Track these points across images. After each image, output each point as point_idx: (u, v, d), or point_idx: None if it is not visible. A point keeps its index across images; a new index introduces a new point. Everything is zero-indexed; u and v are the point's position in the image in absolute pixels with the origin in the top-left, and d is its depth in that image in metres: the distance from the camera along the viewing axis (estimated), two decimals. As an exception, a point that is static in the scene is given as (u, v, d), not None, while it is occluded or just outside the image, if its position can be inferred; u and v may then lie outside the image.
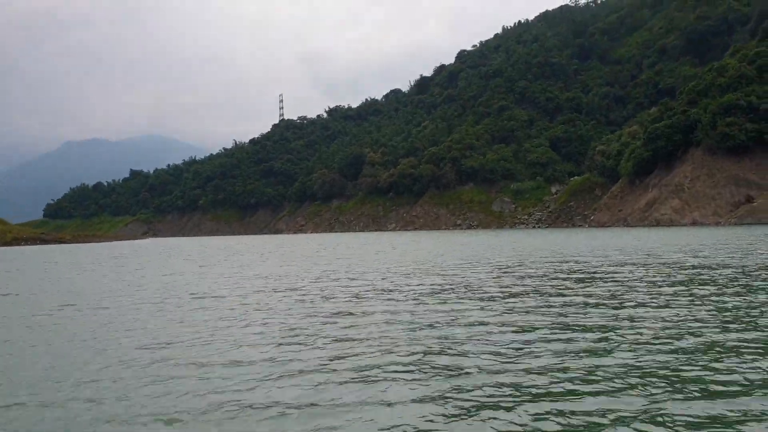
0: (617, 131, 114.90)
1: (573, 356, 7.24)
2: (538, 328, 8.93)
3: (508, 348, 7.75)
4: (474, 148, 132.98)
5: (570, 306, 11.00)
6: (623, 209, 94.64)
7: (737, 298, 11.30)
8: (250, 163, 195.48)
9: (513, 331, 8.76)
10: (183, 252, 46.59)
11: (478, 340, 8.29)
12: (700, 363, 6.78)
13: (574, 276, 16.41)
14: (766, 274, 15.34)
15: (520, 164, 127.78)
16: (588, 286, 13.82)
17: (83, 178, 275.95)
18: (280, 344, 8.38)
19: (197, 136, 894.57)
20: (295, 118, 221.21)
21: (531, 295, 12.68)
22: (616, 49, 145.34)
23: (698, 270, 16.94)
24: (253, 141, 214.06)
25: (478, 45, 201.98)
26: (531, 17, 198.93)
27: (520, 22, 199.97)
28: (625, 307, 10.67)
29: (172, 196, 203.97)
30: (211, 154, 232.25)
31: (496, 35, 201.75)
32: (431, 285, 15.17)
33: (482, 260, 24.21)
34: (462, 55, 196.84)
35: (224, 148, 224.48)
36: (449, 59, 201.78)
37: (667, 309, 10.34)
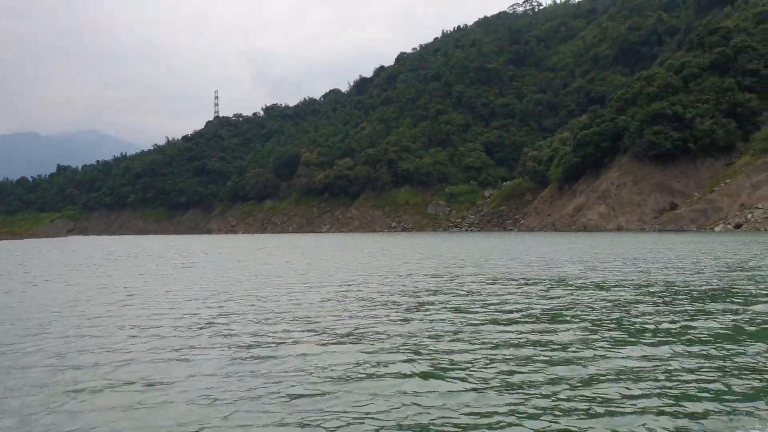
0: (549, 137, 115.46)
1: None
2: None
3: None
4: (410, 151, 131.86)
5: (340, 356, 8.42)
6: (552, 214, 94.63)
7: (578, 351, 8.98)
8: (182, 160, 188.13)
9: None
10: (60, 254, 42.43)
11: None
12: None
13: (429, 297, 13.96)
14: (658, 301, 13.29)
15: (455, 168, 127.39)
16: (427, 314, 11.33)
17: (11, 172, 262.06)
18: None
19: (135, 133, 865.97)
20: (231, 116, 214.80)
21: (325, 332, 10.01)
22: (551, 56, 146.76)
23: (587, 291, 14.82)
24: (185, 138, 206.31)
25: (418, 48, 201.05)
26: (470, 23, 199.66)
27: (459, 27, 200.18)
28: (437, 352, 8.18)
29: (100, 192, 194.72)
30: (142, 150, 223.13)
31: (435, 39, 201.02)
32: (228, 314, 12.36)
33: (358, 271, 21.70)
34: (402, 58, 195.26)
35: (156, 145, 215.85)
36: (391, 61, 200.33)
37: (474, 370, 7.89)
